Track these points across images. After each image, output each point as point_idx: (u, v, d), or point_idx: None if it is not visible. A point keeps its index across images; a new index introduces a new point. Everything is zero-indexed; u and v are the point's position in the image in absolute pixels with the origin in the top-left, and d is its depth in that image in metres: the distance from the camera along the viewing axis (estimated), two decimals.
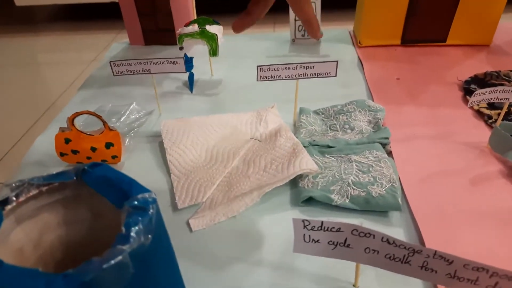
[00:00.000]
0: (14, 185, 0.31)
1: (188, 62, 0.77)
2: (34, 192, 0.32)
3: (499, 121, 0.56)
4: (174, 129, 0.63)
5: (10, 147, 1.88)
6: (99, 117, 0.55)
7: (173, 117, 0.67)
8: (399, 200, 0.48)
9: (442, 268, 0.34)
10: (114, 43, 0.99)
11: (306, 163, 0.52)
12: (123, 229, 0.27)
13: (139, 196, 0.29)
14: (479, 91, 0.52)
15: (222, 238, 0.47)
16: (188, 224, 0.49)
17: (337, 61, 0.60)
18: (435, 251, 0.34)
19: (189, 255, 0.45)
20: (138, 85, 0.80)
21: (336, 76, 0.61)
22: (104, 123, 0.56)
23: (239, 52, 0.92)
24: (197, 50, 0.92)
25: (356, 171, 0.52)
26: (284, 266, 0.43)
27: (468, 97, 0.68)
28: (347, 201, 0.49)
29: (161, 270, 0.31)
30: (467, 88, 0.70)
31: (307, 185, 0.51)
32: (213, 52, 0.76)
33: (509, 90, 0.52)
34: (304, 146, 0.56)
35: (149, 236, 0.28)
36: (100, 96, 0.77)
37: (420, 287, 0.40)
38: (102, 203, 0.35)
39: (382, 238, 0.36)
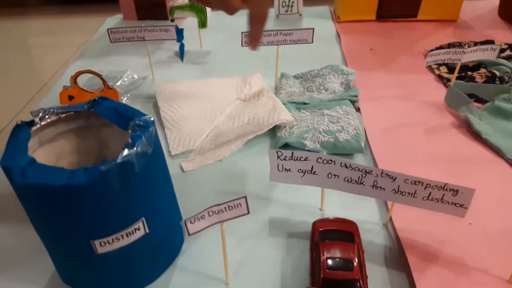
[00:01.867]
0: (37, 112, 0.38)
1: (179, 34, 0.83)
2: (53, 118, 0.38)
3: (453, 80, 0.64)
4: (167, 89, 0.70)
5: (2, 128, 1.92)
6: (99, 75, 0.62)
7: None
8: (362, 144, 0.56)
9: (388, 185, 0.42)
10: (108, 18, 1.05)
11: (284, 115, 0.59)
12: (130, 140, 0.34)
13: (142, 118, 0.37)
14: (434, 51, 0.60)
15: (210, 177, 0.54)
16: (181, 167, 0.56)
17: (313, 29, 0.67)
18: (382, 170, 0.42)
19: (183, 192, 0.51)
20: (133, 55, 0.86)
21: (312, 42, 0.68)
22: (104, 81, 0.62)
23: (227, 26, 0.97)
24: (187, 24, 0.98)
25: (327, 122, 0.59)
26: (263, 196, 0.51)
27: (432, 65, 0.76)
28: (318, 146, 0.56)
29: (160, 180, 0.38)
30: None
31: (284, 134, 0.59)
32: (202, 23, 0.82)
33: (461, 51, 0.60)
34: (283, 103, 0.64)
35: (150, 147, 0.35)
36: (97, 64, 0.83)
37: (374, 208, 0.48)
38: (109, 134, 0.43)
39: (341, 163, 0.43)
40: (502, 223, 0.46)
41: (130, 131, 0.36)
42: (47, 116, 0.38)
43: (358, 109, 0.64)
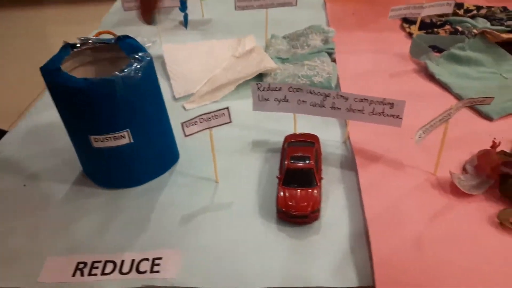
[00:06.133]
0: (81, 38, 0.50)
1: (183, 4, 0.95)
2: (91, 46, 0.51)
3: (415, 32, 0.74)
4: (173, 50, 0.82)
5: (22, 111, 2.05)
6: (115, 35, 0.74)
7: None
8: (333, 85, 0.67)
9: (343, 105, 0.53)
10: None
11: (270, 63, 0.71)
12: (124, 67, 0.46)
13: (141, 53, 0.48)
14: (395, 7, 0.70)
15: None
16: (183, 107, 0.68)
17: None
18: (337, 92, 0.53)
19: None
20: (143, 25, 0.97)
21: (296, 5, 0.79)
22: None
23: None
24: None
25: (305, 70, 0.71)
26: (248, 124, 0.63)
27: (404, 24, 0.86)
28: None
29: (149, 105, 0.49)
30: (404, 17, 0.87)
31: (269, 80, 0.70)
32: None
33: (420, 6, 0.70)
34: (270, 58, 0.75)
35: (139, 74, 0.46)
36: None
37: (337, 130, 0.60)
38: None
39: (307, 90, 0.55)
40: (437, 136, 0.56)
41: (128, 60, 0.47)
42: (88, 43, 0.51)
43: (334, 60, 0.75)
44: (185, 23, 0.96)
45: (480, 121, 0.60)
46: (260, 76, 0.72)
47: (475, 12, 0.86)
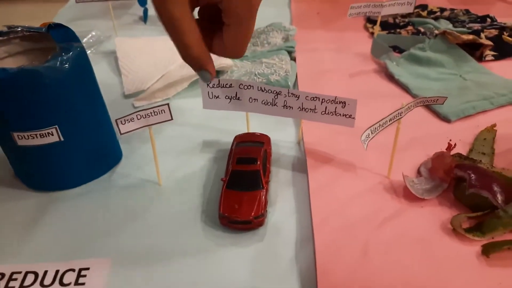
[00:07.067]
0: (9, 26, 0.45)
1: None
2: (20, 34, 0.46)
3: (376, 32, 0.72)
4: (126, 44, 0.77)
5: None
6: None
7: None
8: (290, 84, 0.64)
9: (294, 103, 0.50)
10: None
11: (225, 60, 0.68)
12: (50, 57, 0.42)
13: (73, 43, 0.44)
14: (355, 4, 0.68)
15: None
16: (133, 104, 0.64)
17: None
18: (288, 90, 0.50)
19: None
20: (100, 19, 0.93)
21: None
22: None
23: None
24: None
25: (263, 68, 0.68)
26: (200, 123, 0.60)
27: (368, 24, 0.84)
28: None
29: (81, 99, 0.45)
30: (368, 17, 0.86)
31: (225, 77, 0.67)
32: None
33: (380, 5, 0.68)
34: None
35: (66, 65, 0.42)
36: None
37: (292, 130, 0.57)
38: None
39: (258, 87, 0.51)
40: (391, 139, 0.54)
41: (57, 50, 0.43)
42: (16, 31, 0.46)
43: (294, 59, 0.73)
44: (144, 17, 0.92)
45: (438, 122, 0.58)
46: (216, 74, 0.68)
47: (438, 14, 0.85)
